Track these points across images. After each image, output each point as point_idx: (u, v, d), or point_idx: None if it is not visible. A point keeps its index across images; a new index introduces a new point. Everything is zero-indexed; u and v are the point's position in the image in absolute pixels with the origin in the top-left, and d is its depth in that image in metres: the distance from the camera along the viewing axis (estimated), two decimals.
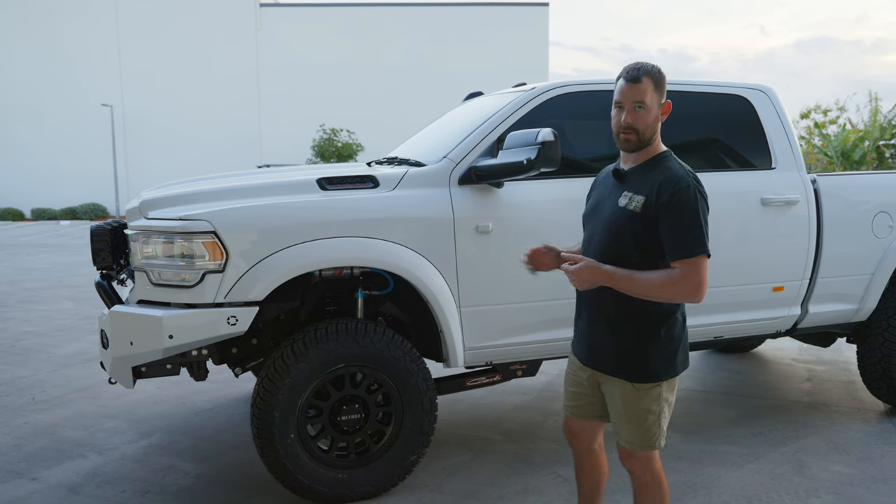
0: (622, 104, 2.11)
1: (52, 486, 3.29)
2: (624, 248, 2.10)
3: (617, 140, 2.15)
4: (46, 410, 4.41)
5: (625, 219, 2.10)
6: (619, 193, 2.15)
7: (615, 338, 2.16)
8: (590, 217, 2.28)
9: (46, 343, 6.28)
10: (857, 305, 4.03)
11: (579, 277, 2.07)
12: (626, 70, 2.11)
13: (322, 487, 3.03)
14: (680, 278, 2.01)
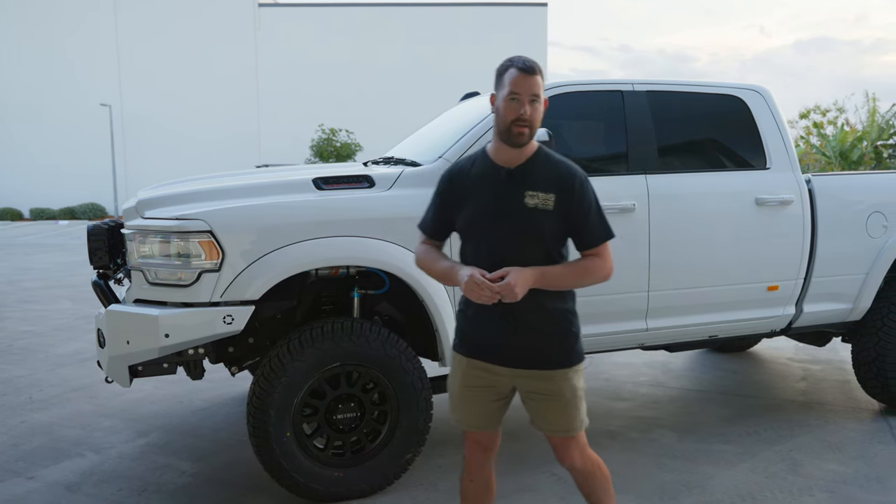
0: (519, 96, 2.01)
1: (49, 485, 3.30)
2: (536, 247, 2.08)
3: (506, 133, 2.05)
4: (44, 409, 4.42)
5: (539, 218, 2.06)
6: (517, 194, 2.07)
7: (548, 331, 2.13)
8: (480, 224, 2.11)
9: (44, 343, 6.29)
10: (852, 305, 4.04)
11: (514, 290, 1.97)
12: (520, 61, 2.04)
13: (318, 486, 3.04)
14: (601, 262, 2.14)
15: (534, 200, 2.06)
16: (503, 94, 2.04)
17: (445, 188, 2.20)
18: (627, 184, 3.51)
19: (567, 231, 2.12)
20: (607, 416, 4.28)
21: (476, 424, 2.26)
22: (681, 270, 3.60)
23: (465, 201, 2.13)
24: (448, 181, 2.20)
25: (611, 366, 5.41)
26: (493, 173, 2.11)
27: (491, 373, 2.18)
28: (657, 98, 3.70)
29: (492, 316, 2.10)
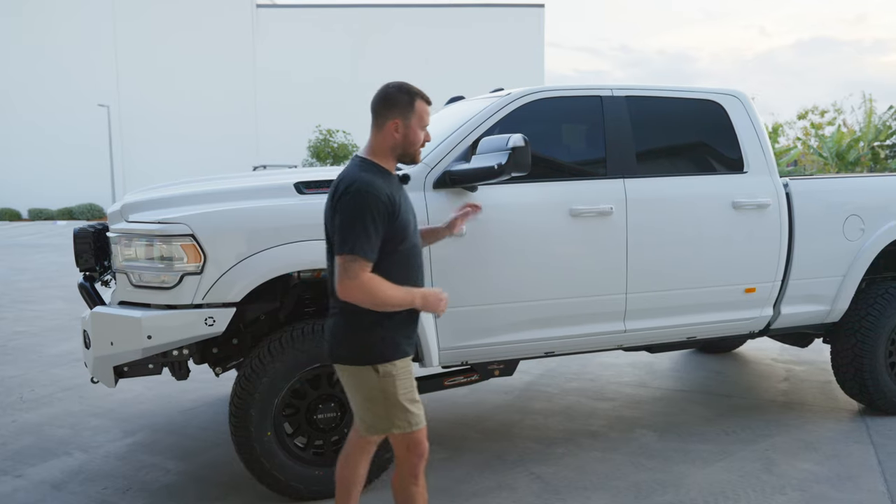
0: (426, 124, 2.36)
1: (35, 484, 3.36)
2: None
3: (412, 154, 2.35)
4: (34, 409, 4.48)
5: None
6: (408, 197, 2.40)
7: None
8: (413, 225, 2.34)
9: (37, 343, 6.35)
10: (829, 307, 4.10)
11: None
12: (423, 93, 2.34)
13: (298, 484, 3.10)
14: None
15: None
16: (417, 122, 2.31)
17: (392, 209, 2.21)
18: (605, 188, 3.57)
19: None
20: (590, 416, 4.34)
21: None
22: (658, 273, 3.65)
23: (404, 214, 2.28)
24: (392, 202, 2.21)
25: (596, 366, 5.47)
26: (398, 183, 2.34)
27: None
28: (636, 103, 3.75)
29: (413, 319, 2.35)
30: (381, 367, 2.25)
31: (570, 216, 3.47)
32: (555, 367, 5.44)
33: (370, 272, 2.17)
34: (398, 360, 2.27)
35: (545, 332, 3.52)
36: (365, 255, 2.15)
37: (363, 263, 2.14)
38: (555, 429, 4.10)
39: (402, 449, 2.33)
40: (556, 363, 5.51)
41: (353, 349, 2.27)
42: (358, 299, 2.17)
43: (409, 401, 2.29)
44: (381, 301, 2.18)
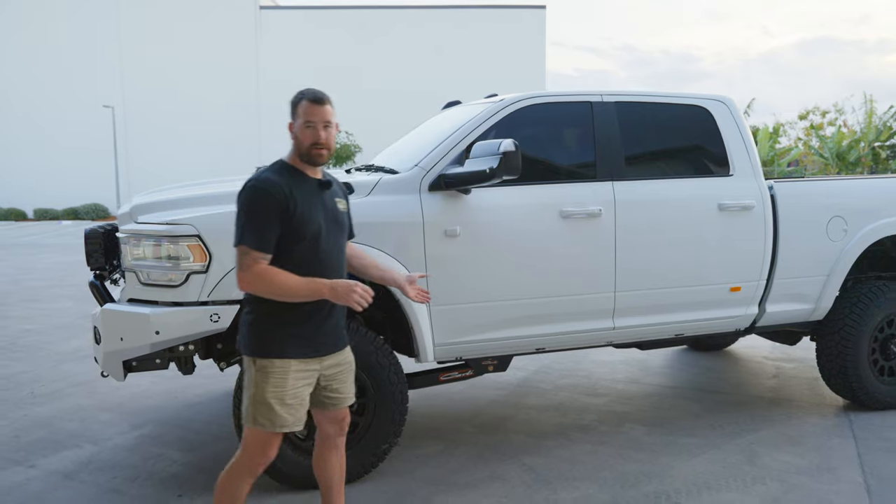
0: (314, 123, 2.36)
1: (48, 473, 3.52)
2: (345, 242, 2.55)
3: (307, 155, 2.38)
4: (45, 404, 4.64)
5: (346, 220, 2.56)
6: (332, 202, 2.47)
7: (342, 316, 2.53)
8: (326, 229, 2.39)
9: (46, 340, 6.52)
10: (814, 305, 4.24)
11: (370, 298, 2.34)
12: (310, 93, 2.40)
13: (298, 473, 3.25)
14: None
15: (343, 206, 2.54)
16: (302, 121, 2.38)
17: (287, 206, 2.28)
18: (595, 190, 3.71)
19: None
20: (582, 410, 4.48)
21: (303, 419, 2.43)
22: (646, 272, 3.79)
23: (305, 212, 2.33)
24: (287, 200, 2.28)
25: (590, 364, 5.60)
26: (312, 186, 2.41)
27: (316, 364, 2.44)
28: (625, 109, 3.89)
29: (330, 316, 2.44)
30: (258, 361, 2.35)
31: (560, 217, 3.61)
32: (549, 363, 5.57)
33: (266, 264, 2.27)
34: (278, 360, 2.33)
35: (536, 329, 3.66)
36: (253, 246, 2.24)
37: (255, 255, 2.25)
38: (547, 423, 4.24)
39: (253, 445, 2.37)
40: (550, 360, 5.65)
41: (244, 337, 2.40)
42: (255, 290, 2.28)
43: (277, 400, 2.32)
44: (280, 290, 2.26)
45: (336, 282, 2.30)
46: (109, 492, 3.31)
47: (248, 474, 2.41)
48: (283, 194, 2.29)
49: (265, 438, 2.37)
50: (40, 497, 3.25)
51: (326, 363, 2.46)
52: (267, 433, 2.36)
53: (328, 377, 2.49)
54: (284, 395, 2.35)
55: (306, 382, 2.41)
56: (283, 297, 2.29)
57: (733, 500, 3.19)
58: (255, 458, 2.40)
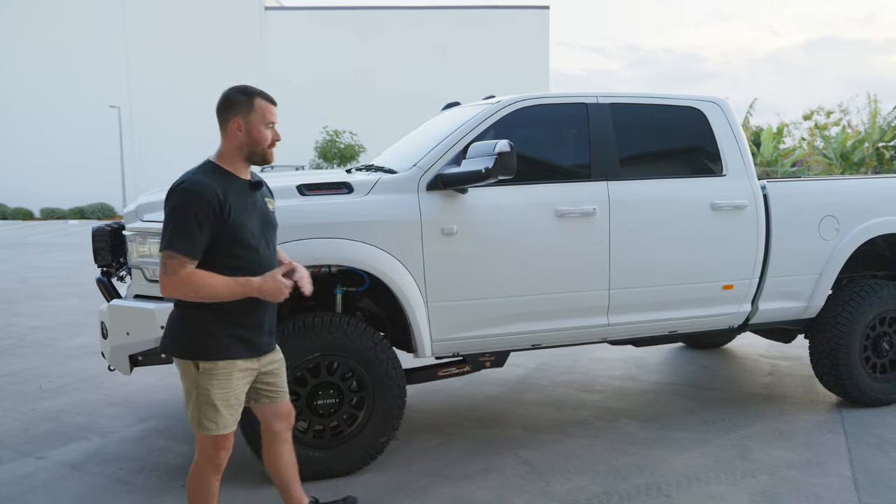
0: (273, 123, 2.45)
1: (56, 464, 3.62)
2: (275, 241, 2.57)
3: (263, 154, 2.43)
4: (52, 398, 4.74)
5: (275, 219, 2.58)
6: (262, 202, 2.50)
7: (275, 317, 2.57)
8: (254, 233, 2.39)
9: (53, 337, 6.63)
10: (806, 303, 4.31)
11: (307, 279, 2.46)
12: (264, 92, 2.45)
13: (299, 464, 3.33)
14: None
15: (272, 206, 2.58)
16: (259, 120, 2.39)
17: (220, 209, 2.27)
18: (589, 190, 3.79)
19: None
20: (579, 406, 4.56)
21: (237, 419, 2.46)
22: (640, 270, 3.87)
23: (239, 216, 2.33)
24: (221, 202, 2.27)
25: (589, 361, 5.68)
26: (243, 188, 2.41)
27: (255, 364, 2.48)
28: (620, 110, 3.97)
29: (265, 315, 2.47)
30: (201, 364, 2.33)
31: (555, 216, 3.69)
32: (548, 361, 5.66)
33: (193, 268, 2.24)
34: (222, 361, 2.33)
35: (532, 326, 3.74)
36: (183, 252, 2.22)
37: (181, 260, 2.22)
38: (543, 418, 4.33)
39: (208, 446, 2.41)
40: (549, 358, 5.74)
41: (180, 342, 2.36)
42: (181, 295, 2.27)
43: (223, 402, 2.35)
44: (208, 294, 2.25)
45: (262, 279, 2.31)
46: (115, 482, 3.41)
47: (213, 472, 2.46)
48: (216, 197, 2.27)
49: (217, 439, 2.40)
50: (49, 487, 3.36)
51: (264, 361, 2.50)
52: (216, 436, 2.38)
53: (265, 373, 2.53)
54: (229, 396, 2.37)
55: (246, 382, 2.44)
56: (211, 300, 2.28)
57: (723, 492, 3.27)
58: (213, 458, 2.43)
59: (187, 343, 2.37)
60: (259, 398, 2.58)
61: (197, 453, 2.47)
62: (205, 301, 2.30)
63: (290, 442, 2.72)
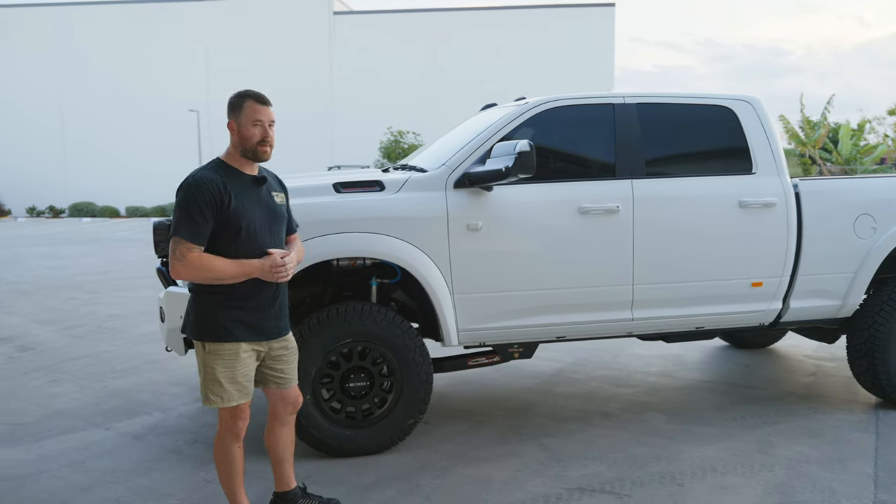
0: (262, 121, 2.64)
1: (121, 434, 4.03)
2: (284, 234, 2.81)
3: (253, 151, 2.65)
4: (123, 378, 5.21)
5: (283, 212, 2.80)
6: (268, 195, 2.72)
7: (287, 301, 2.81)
8: (255, 218, 2.62)
9: (127, 324, 7.20)
10: (841, 302, 4.27)
11: (291, 268, 2.66)
12: (255, 94, 2.68)
13: (332, 442, 3.61)
14: (301, 244, 2.97)
15: (279, 199, 2.79)
16: (247, 120, 2.62)
17: (221, 200, 2.53)
18: (613, 188, 3.90)
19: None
20: (609, 399, 4.66)
21: (251, 392, 2.71)
22: (664, 266, 3.95)
23: (240, 207, 2.57)
24: (222, 193, 2.54)
25: (627, 357, 5.75)
26: (246, 182, 2.66)
27: (263, 346, 2.71)
28: (647, 110, 4.06)
29: (267, 300, 2.67)
30: (207, 345, 2.59)
31: (578, 213, 3.83)
32: (586, 356, 5.76)
33: (199, 253, 2.50)
34: (226, 343, 2.58)
35: (555, 318, 3.89)
36: (189, 238, 2.48)
37: (188, 245, 2.48)
38: (572, 409, 4.46)
39: (226, 417, 2.67)
40: (587, 353, 5.84)
41: (193, 325, 2.64)
42: (191, 277, 2.52)
43: (228, 379, 2.59)
44: (215, 275, 2.51)
45: (262, 260, 2.57)
46: (170, 452, 3.78)
47: (233, 440, 2.71)
48: (218, 189, 2.53)
49: (232, 411, 2.65)
50: (112, 453, 3.75)
51: (274, 345, 2.74)
52: (228, 407, 2.64)
53: (273, 358, 2.75)
54: (235, 374, 2.61)
55: (252, 360, 2.68)
56: (218, 281, 2.53)
57: (737, 483, 3.34)
58: (231, 428, 2.68)
59: (197, 326, 2.64)
60: (267, 383, 2.81)
61: (218, 425, 2.74)
62: (212, 282, 2.55)
63: (291, 425, 2.92)
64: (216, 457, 2.77)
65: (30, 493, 3.27)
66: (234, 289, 2.59)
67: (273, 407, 2.88)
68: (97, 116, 34.43)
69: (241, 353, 2.63)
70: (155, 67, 33.98)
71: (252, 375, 2.71)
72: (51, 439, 3.96)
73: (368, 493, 3.23)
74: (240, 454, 2.76)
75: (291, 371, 2.86)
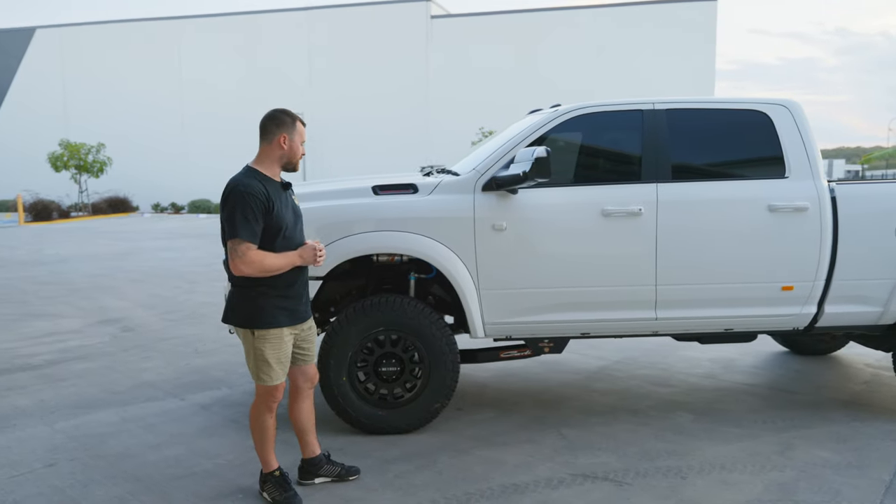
0: (304, 141, 3.19)
1: (191, 405, 4.61)
2: (303, 232, 3.22)
3: (294, 164, 3.13)
4: (203, 358, 5.86)
5: (301, 212, 3.25)
6: (291, 199, 3.18)
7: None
8: (290, 220, 3.07)
9: (217, 311, 7.87)
10: (882, 308, 4.19)
11: (325, 253, 3.16)
12: (301, 118, 3.22)
13: (366, 421, 4.00)
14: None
15: (296, 200, 3.23)
16: (298, 139, 3.13)
17: (268, 205, 2.95)
18: (637, 191, 4.05)
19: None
20: (643, 397, 4.78)
21: (286, 372, 3.16)
22: (688, 268, 4.05)
23: (280, 210, 3.01)
24: (268, 199, 2.96)
25: (675, 358, 5.79)
26: (278, 188, 3.08)
27: (298, 329, 3.15)
28: (677, 115, 4.17)
29: (303, 288, 3.14)
30: (256, 332, 3.00)
31: (601, 216, 4.01)
32: (633, 355, 5.85)
33: (256, 249, 2.91)
34: (272, 329, 3.00)
35: (578, 315, 4.09)
36: (247, 238, 2.89)
37: (247, 244, 2.89)
38: (602, 404, 4.62)
39: (263, 394, 3.10)
40: (637, 353, 5.92)
41: (240, 315, 3.04)
42: (250, 272, 2.91)
43: (276, 360, 3.02)
44: (268, 268, 2.93)
45: (301, 250, 3.03)
46: (230, 421, 4.30)
47: (267, 412, 3.15)
48: (266, 196, 2.95)
49: (269, 388, 3.09)
50: (182, 419, 4.33)
51: (303, 327, 3.16)
52: (270, 385, 3.07)
53: (301, 338, 3.19)
54: (280, 355, 3.05)
55: (290, 343, 3.11)
56: (270, 273, 2.95)
57: (740, 480, 3.42)
58: (267, 402, 3.13)
59: (244, 315, 3.04)
60: (295, 361, 3.23)
61: (255, 398, 3.18)
62: (265, 275, 2.97)
63: (311, 398, 3.35)
64: (252, 424, 3.21)
65: (109, 447, 3.87)
66: (277, 280, 3.02)
67: (294, 382, 3.29)
68: (214, 119, 36.96)
69: (284, 337, 3.07)
70: (260, 75, 36.08)
71: (290, 355, 3.14)
72: (134, 405, 4.60)
73: (388, 466, 3.59)
74: (272, 422, 3.20)
75: (312, 349, 3.29)
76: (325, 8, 36.28)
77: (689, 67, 30.31)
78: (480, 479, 3.45)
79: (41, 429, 4.17)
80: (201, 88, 37.23)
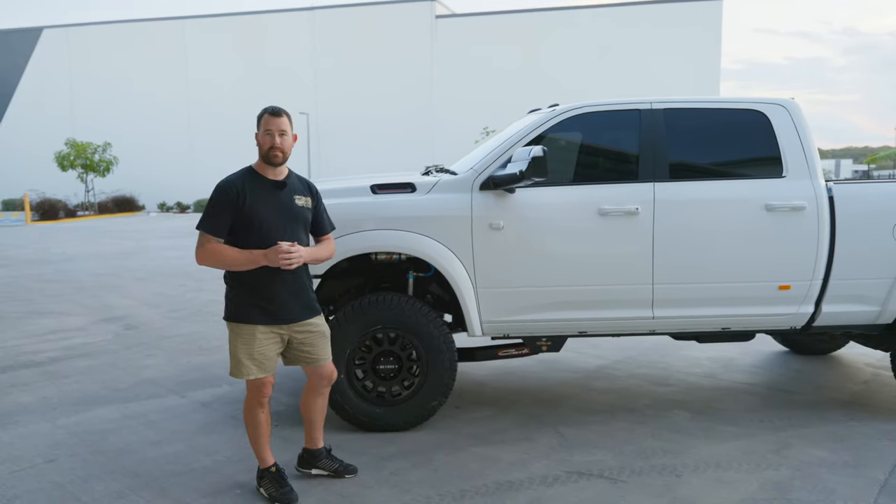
0: (271, 131, 3.04)
1: (192, 401, 4.65)
2: (303, 233, 3.18)
3: (266, 157, 3.07)
4: (205, 355, 5.90)
5: (304, 214, 3.18)
6: (288, 198, 3.12)
7: (309, 291, 3.21)
8: (270, 217, 3.04)
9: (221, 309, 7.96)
10: (880, 308, 4.19)
11: (297, 258, 2.99)
12: (271, 108, 3.09)
13: (362, 417, 4.03)
14: (332, 244, 3.35)
15: (301, 202, 3.17)
16: (262, 131, 3.07)
17: (238, 200, 2.99)
18: (634, 190, 4.06)
19: (312, 222, 3.25)
20: (641, 396, 4.79)
21: (271, 369, 3.16)
22: (685, 267, 4.06)
23: (254, 205, 3.01)
24: (240, 195, 2.99)
25: (675, 357, 5.80)
26: (267, 185, 3.09)
27: (283, 330, 3.14)
28: (674, 115, 4.18)
29: (283, 290, 3.07)
30: (229, 325, 3.09)
31: (598, 215, 4.02)
32: (633, 355, 5.86)
33: (216, 244, 2.97)
34: (244, 325, 3.04)
35: (575, 314, 4.11)
36: (207, 230, 2.98)
37: (207, 236, 2.99)
38: (601, 402, 4.64)
39: (250, 389, 3.16)
40: (636, 352, 5.94)
41: (225, 307, 3.14)
42: (207, 263, 2.99)
43: (246, 356, 3.05)
44: (226, 261, 2.97)
45: (269, 249, 2.97)
46: (230, 418, 4.34)
47: (257, 406, 3.18)
48: (236, 192, 3.00)
49: (255, 383, 3.12)
50: (182, 416, 4.37)
51: (295, 328, 3.14)
52: (250, 380, 3.11)
53: (299, 340, 3.17)
54: (252, 352, 3.06)
55: (272, 342, 3.10)
56: (230, 267, 3.01)
57: (735, 478, 3.43)
58: (256, 396, 3.16)
59: (226, 308, 3.16)
60: (299, 361, 3.26)
61: (246, 393, 3.22)
62: (226, 268, 3.04)
63: (325, 395, 3.38)
64: (245, 419, 3.25)
65: (109, 444, 3.92)
66: (254, 279, 3.05)
67: (310, 379, 3.34)
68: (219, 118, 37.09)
69: (258, 335, 3.08)
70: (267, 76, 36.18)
71: (271, 355, 3.14)
72: (136, 402, 4.64)
73: (384, 463, 3.61)
74: (264, 418, 3.22)
75: (319, 351, 3.26)
76: (329, 8, 36.40)
77: (694, 67, 30.27)
78: (475, 475, 3.47)
79: (43, 425, 4.22)
80: (207, 88, 37.38)
